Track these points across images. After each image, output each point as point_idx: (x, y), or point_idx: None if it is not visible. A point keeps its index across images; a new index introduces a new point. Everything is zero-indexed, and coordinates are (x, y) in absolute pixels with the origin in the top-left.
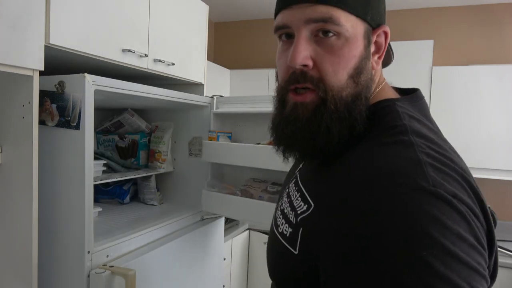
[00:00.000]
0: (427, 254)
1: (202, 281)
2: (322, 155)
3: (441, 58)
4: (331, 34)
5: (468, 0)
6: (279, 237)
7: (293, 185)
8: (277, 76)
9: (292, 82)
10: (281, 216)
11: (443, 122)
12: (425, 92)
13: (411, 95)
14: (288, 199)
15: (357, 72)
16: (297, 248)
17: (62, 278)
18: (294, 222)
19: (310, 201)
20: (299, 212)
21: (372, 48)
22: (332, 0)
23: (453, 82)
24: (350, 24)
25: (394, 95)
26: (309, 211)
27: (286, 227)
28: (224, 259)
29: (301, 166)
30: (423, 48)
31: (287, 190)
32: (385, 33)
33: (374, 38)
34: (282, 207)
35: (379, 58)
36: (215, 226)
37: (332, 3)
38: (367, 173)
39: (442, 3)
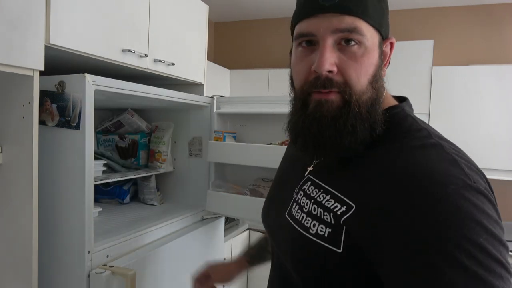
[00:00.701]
0: (480, 238)
1: None
2: (346, 154)
3: (441, 58)
4: (353, 43)
5: (468, 0)
6: (313, 238)
7: (311, 185)
8: (292, 82)
9: (317, 87)
10: (308, 218)
11: (443, 122)
12: (425, 92)
13: (406, 102)
14: (309, 200)
15: (375, 79)
16: (341, 247)
17: (62, 278)
18: (333, 223)
19: (349, 201)
20: (338, 213)
21: (382, 57)
22: (357, 12)
23: (453, 82)
24: (370, 35)
25: (394, 101)
26: (351, 212)
27: (322, 227)
28: (224, 259)
29: (312, 167)
30: (423, 48)
31: (300, 190)
32: (391, 44)
33: (382, 48)
34: (304, 208)
35: (384, 66)
36: (215, 226)
37: (357, 14)
38: (413, 174)
39: (442, 3)
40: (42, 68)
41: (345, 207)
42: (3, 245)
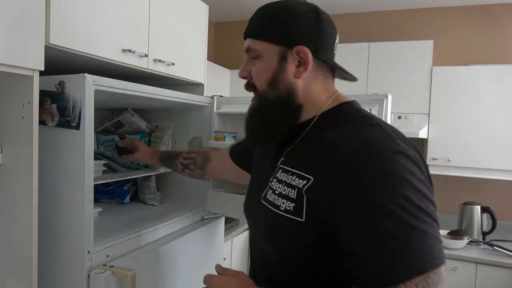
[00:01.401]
0: (407, 192)
1: (202, 281)
2: (268, 139)
3: (441, 58)
4: (255, 57)
5: (468, 0)
6: (283, 213)
7: (282, 172)
8: None
9: (246, 89)
10: (279, 198)
11: (443, 122)
12: (425, 92)
13: (355, 101)
14: (281, 183)
15: (275, 81)
16: (303, 216)
17: (62, 278)
18: (295, 197)
19: (308, 176)
20: (300, 186)
21: (296, 62)
22: (252, 35)
23: (453, 82)
24: (267, 48)
25: (347, 99)
26: (310, 183)
27: (289, 203)
28: (224, 259)
29: (283, 158)
30: (423, 48)
31: (274, 178)
32: (302, 51)
33: (294, 55)
34: (276, 191)
35: (304, 70)
36: (215, 226)
37: (251, 36)
38: (359, 144)
39: (442, 3)
40: (42, 68)
41: (305, 180)
42: (3, 245)
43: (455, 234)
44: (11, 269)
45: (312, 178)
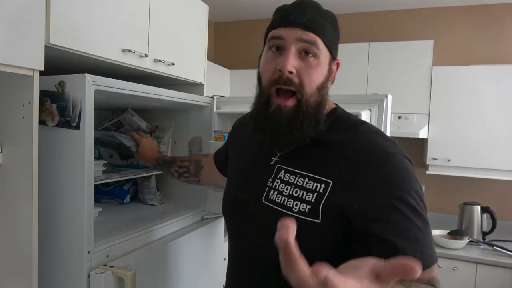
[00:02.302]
0: (419, 190)
1: (202, 281)
2: (294, 144)
3: (441, 58)
4: (310, 55)
5: (468, 0)
6: (296, 215)
7: (286, 173)
8: (259, 79)
9: (280, 83)
10: (289, 199)
11: (443, 122)
12: (425, 92)
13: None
14: (289, 185)
15: (322, 87)
16: (320, 217)
17: (62, 278)
18: (313, 200)
19: (325, 179)
20: (321, 191)
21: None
22: (318, 31)
23: (453, 82)
24: (324, 52)
25: (334, 105)
26: (330, 186)
27: (303, 205)
28: (224, 259)
29: (277, 158)
30: (423, 48)
31: (276, 179)
32: (338, 64)
33: (331, 66)
34: (284, 192)
35: (330, 80)
36: (215, 226)
37: (318, 33)
38: (371, 151)
39: (442, 3)
40: (42, 68)
41: (323, 184)
42: (3, 245)
43: (455, 234)
44: (11, 269)
45: (331, 182)
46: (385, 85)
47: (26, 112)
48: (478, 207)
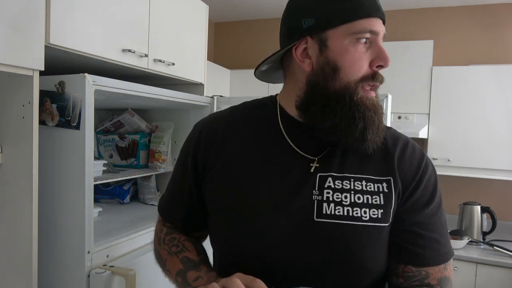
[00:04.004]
0: (438, 188)
1: None
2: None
3: (441, 58)
4: None
5: (468, 0)
6: (368, 223)
7: (335, 179)
8: (336, 72)
9: (377, 80)
10: (355, 208)
11: (443, 122)
12: (425, 92)
13: None
14: (347, 193)
15: None
16: (390, 219)
17: (62, 278)
18: (383, 203)
19: (384, 178)
20: (386, 190)
21: None
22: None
23: (453, 82)
24: None
25: None
26: (392, 183)
27: (374, 211)
28: None
29: (316, 164)
30: (423, 48)
31: (323, 190)
32: None
33: None
34: (344, 202)
35: None
36: None
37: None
38: (419, 155)
39: (442, 3)
40: (42, 68)
41: (385, 183)
42: (3, 245)
43: (455, 234)
44: (11, 269)
45: (391, 178)
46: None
47: (26, 112)
48: (478, 207)
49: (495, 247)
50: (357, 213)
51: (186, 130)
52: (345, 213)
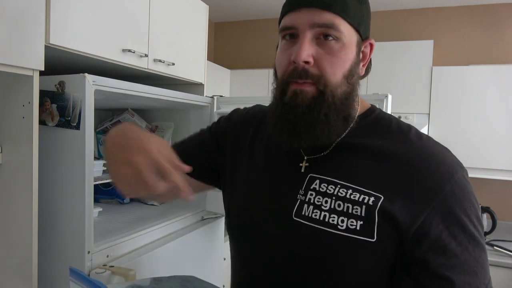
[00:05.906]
0: (478, 213)
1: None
2: (319, 142)
3: (441, 58)
4: (331, 38)
5: (468, 0)
6: (345, 234)
7: (322, 183)
8: (275, 72)
9: (294, 77)
10: (332, 215)
11: (443, 122)
12: (425, 92)
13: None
14: (329, 197)
15: (350, 74)
16: (375, 235)
17: (62, 278)
18: (364, 215)
19: (375, 193)
20: (371, 203)
21: (360, 56)
22: (336, 9)
23: (453, 82)
24: (348, 32)
25: (368, 104)
26: (382, 200)
27: (353, 221)
28: (224, 259)
29: (306, 163)
30: (423, 48)
31: (309, 190)
32: (371, 45)
33: (362, 48)
34: (323, 206)
35: (363, 66)
36: (215, 226)
37: (336, 11)
38: (430, 163)
39: (442, 3)
40: (42, 68)
41: (373, 197)
42: (3, 245)
43: None
44: (11, 269)
45: (382, 196)
46: (385, 85)
47: (26, 112)
48: None
49: (495, 247)
50: (333, 220)
51: (186, 130)
52: (321, 218)
